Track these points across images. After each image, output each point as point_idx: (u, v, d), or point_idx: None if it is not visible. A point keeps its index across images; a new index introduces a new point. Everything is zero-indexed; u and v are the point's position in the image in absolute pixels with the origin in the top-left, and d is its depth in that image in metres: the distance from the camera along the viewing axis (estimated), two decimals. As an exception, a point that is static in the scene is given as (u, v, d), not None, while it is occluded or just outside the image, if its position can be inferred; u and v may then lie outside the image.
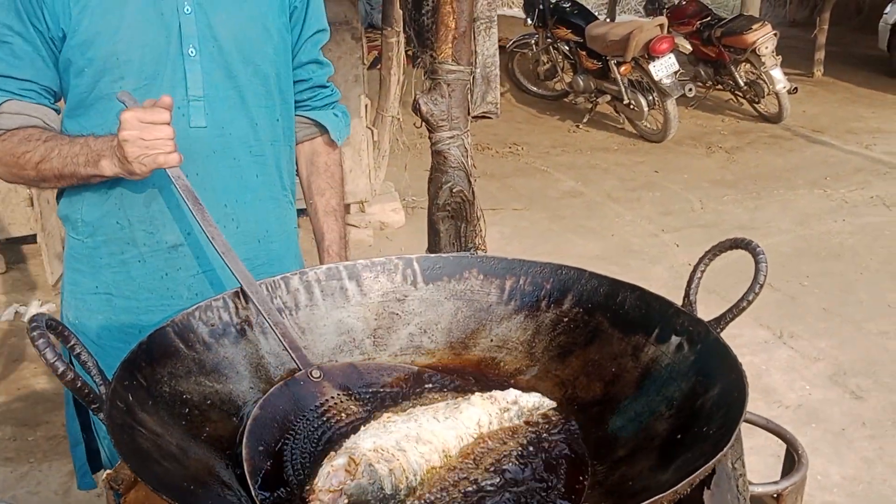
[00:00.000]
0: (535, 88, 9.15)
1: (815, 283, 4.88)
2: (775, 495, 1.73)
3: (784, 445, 1.77)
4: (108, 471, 1.24)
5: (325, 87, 1.96)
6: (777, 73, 7.82)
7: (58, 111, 1.72)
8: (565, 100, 9.00)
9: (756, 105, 8.36)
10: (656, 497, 0.87)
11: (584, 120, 8.32)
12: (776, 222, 5.84)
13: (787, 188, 6.52)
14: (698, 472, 0.91)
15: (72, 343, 1.09)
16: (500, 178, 6.73)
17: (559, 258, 1.57)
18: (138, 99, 1.62)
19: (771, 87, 7.90)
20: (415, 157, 6.48)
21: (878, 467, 3.30)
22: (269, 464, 1.16)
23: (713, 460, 0.93)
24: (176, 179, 1.51)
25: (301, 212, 1.99)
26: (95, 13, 1.64)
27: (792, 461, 1.80)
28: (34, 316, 1.03)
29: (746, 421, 1.95)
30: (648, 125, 7.81)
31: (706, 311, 1.32)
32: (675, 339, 1.28)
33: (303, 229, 2.13)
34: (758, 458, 3.02)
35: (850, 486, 3.20)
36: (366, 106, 5.28)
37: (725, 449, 0.95)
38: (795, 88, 8.18)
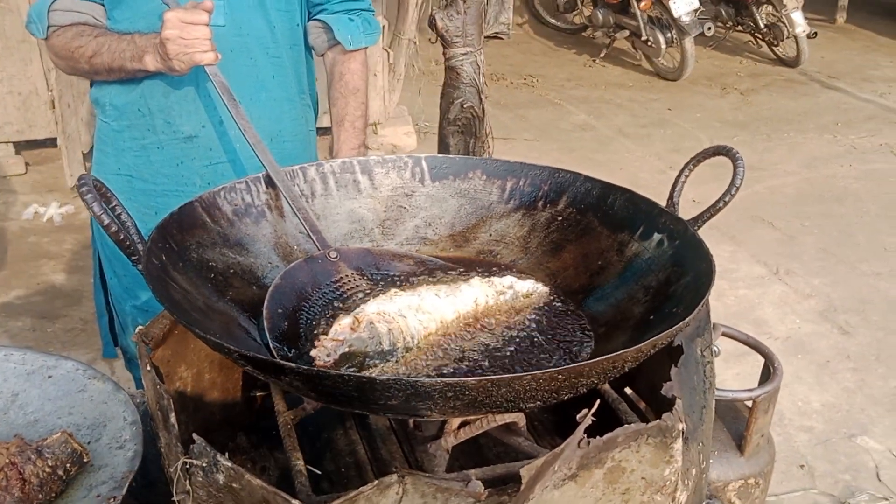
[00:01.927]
0: (553, 21, 9.12)
1: (815, 224, 4.98)
2: (749, 402, 1.89)
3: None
4: (141, 327, 1.38)
5: None
6: (797, 17, 7.77)
7: (104, 6, 1.82)
8: (583, 34, 8.98)
9: (774, 48, 8.32)
10: (622, 351, 1.00)
11: (601, 55, 8.32)
12: (783, 164, 5.92)
13: (797, 132, 6.57)
14: (661, 336, 1.04)
15: (113, 204, 1.22)
16: (513, 109, 6.79)
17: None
18: None
19: (791, 30, 7.86)
20: (429, 83, 6.53)
21: (858, 397, 3.45)
22: (285, 324, 1.30)
23: (675, 327, 1.06)
24: (213, 76, 1.63)
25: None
26: None
27: (768, 373, 1.94)
28: (82, 175, 1.16)
29: (728, 336, 2.11)
30: (665, 63, 7.82)
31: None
32: (656, 236, 1.40)
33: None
34: (744, 384, 3.18)
35: (829, 413, 3.36)
36: (383, 27, 5.32)
37: (688, 319, 1.08)
38: (815, 33, 8.12)
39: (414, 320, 1.26)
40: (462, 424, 1.24)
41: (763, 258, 4.53)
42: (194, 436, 1.16)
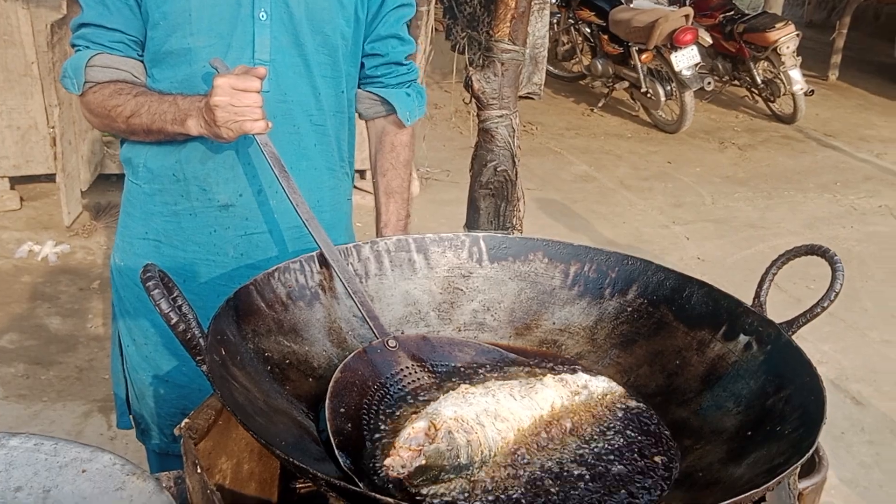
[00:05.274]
0: (552, 68, 9.12)
1: (821, 287, 4.82)
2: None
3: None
4: (186, 420, 1.27)
5: (401, 64, 1.92)
6: (795, 74, 7.83)
7: (144, 64, 1.73)
8: (581, 82, 9.00)
9: (771, 104, 8.37)
10: (751, 493, 0.91)
11: (600, 104, 8.33)
12: (785, 223, 5.90)
13: (797, 190, 6.57)
14: (788, 471, 0.95)
15: (175, 294, 1.11)
16: (514, 156, 6.75)
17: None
18: (206, 58, 1.65)
19: (788, 87, 7.92)
20: (432, 128, 6.49)
21: (876, 473, 3.37)
22: (349, 425, 1.20)
23: (803, 459, 0.97)
24: (264, 146, 1.54)
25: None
26: None
27: (812, 463, 1.85)
28: (147, 265, 1.06)
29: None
30: (663, 115, 7.83)
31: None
32: (743, 338, 1.32)
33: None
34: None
35: (847, 489, 3.28)
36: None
37: (812, 450, 0.99)
38: (812, 91, 8.19)
39: (492, 430, 1.16)
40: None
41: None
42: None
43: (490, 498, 1.10)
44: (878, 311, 4.69)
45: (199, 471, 1.18)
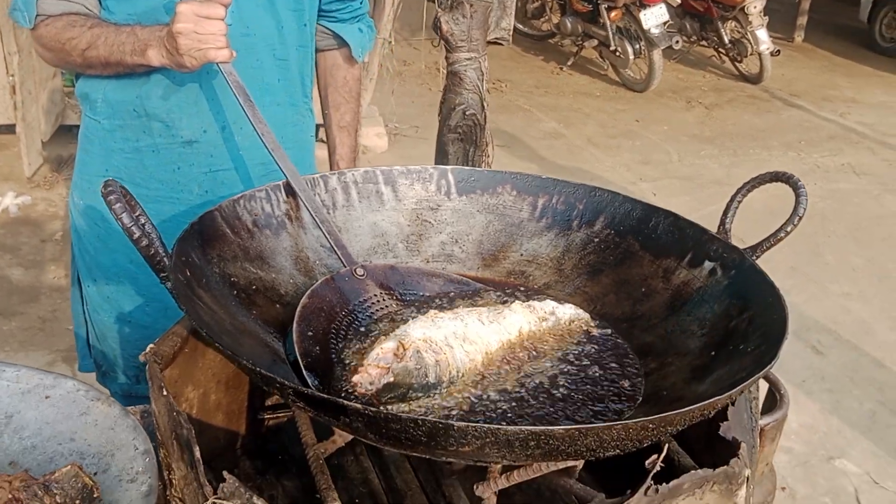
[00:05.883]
0: (521, 26, 9.06)
1: (784, 242, 4.93)
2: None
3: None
4: (151, 345, 1.26)
5: None
6: (762, 34, 7.85)
7: None
8: (551, 41, 8.95)
9: (737, 64, 8.39)
10: (718, 398, 0.93)
11: (569, 63, 8.30)
12: (750, 181, 5.94)
13: (762, 148, 6.63)
14: (749, 382, 0.97)
15: (138, 213, 1.10)
16: (483, 113, 6.71)
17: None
18: None
19: (755, 47, 7.94)
20: (401, 84, 6.44)
21: (835, 419, 3.45)
22: (316, 348, 1.20)
23: (762, 372, 0.98)
24: (228, 75, 1.51)
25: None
26: None
27: (773, 400, 1.89)
28: (108, 181, 1.04)
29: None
30: (632, 74, 7.82)
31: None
32: (708, 265, 1.33)
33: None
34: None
35: (808, 435, 3.35)
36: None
37: (773, 363, 1.01)
38: (778, 51, 8.22)
39: (460, 351, 1.17)
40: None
41: (735, 275, 4.53)
42: (225, 474, 1.05)
43: (457, 417, 1.10)
44: (839, 265, 4.77)
45: (164, 393, 1.18)
